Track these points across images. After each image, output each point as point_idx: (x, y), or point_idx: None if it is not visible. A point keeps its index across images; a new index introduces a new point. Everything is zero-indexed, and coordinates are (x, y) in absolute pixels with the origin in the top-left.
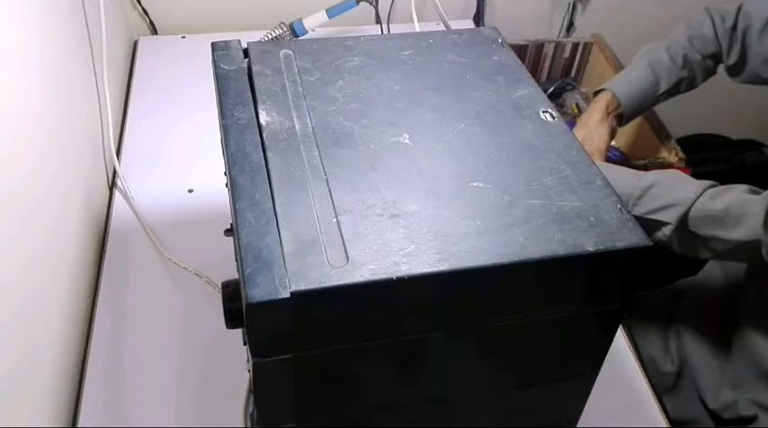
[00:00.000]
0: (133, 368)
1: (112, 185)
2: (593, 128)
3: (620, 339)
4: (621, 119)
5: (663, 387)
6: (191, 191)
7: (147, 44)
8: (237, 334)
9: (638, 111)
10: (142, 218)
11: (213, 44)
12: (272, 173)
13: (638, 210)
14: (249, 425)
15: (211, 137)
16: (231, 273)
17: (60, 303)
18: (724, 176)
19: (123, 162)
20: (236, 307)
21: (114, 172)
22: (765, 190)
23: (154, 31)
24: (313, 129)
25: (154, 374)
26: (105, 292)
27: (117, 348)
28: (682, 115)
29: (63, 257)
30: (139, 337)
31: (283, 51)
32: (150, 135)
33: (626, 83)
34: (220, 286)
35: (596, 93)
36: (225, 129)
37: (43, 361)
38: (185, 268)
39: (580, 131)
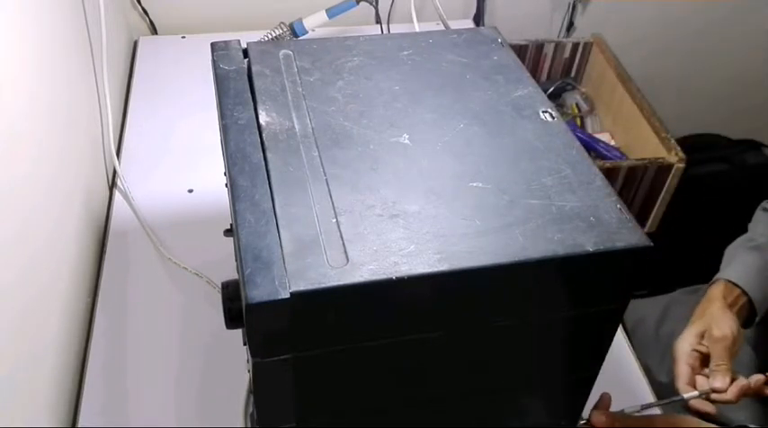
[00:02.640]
0: (133, 368)
1: (112, 185)
2: (715, 316)
3: (621, 339)
4: (753, 312)
5: (657, 397)
6: (191, 191)
7: (147, 44)
8: (237, 333)
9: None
10: (142, 218)
11: (213, 44)
12: (272, 173)
13: None
14: (249, 425)
15: (211, 137)
16: (231, 273)
17: (60, 303)
18: (724, 176)
19: (123, 162)
20: (235, 307)
21: (114, 172)
22: None
23: (154, 31)
24: (313, 129)
25: (154, 374)
26: (105, 292)
27: (117, 348)
28: (682, 115)
29: (63, 257)
30: (139, 337)
31: (283, 51)
32: (150, 135)
33: (734, 270)
34: (220, 286)
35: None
36: (224, 130)
37: (43, 361)
38: (185, 268)
39: (695, 326)
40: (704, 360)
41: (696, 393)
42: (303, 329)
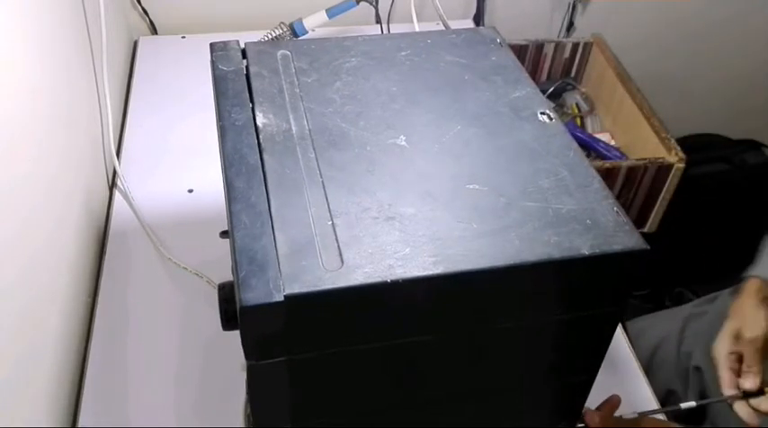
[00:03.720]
0: (133, 368)
1: (112, 185)
2: (747, 315)
3: (621, 340)
4: None
5: (684, 421)
6: (191, 191)
7: (147, 44)
8: (237, 333)
9: None
10: (142, 218)
11: (212, 45)
12: (268, 175)
13: None
14: (248, 425)
15: (211, 137)
16: (231, 274)
17: (60, 303)
18: (724, 176)
19: (123, 162)
20: (232, 308)
21: (114, 172)
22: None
23: (154, 31)
24: (310, 130)
25: (154, 374)
26: (105, 292)
27: (117, 348)
28: (682, 115)
29: (63, 257)
30: (139, 337)
31: (281, 52)
32: (150, 135)
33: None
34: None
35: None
36: (222, 131)
37: (43, 360)
38: (185, 268)
39: (731, 323)
40: (742, 360)
41: (693, 403)
42: (298, 332)
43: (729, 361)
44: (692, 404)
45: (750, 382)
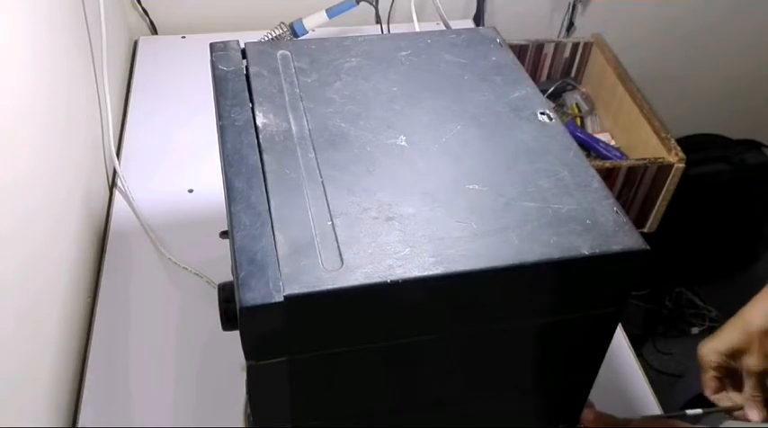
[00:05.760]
0: (133, 368)
1: (112, 185)
2: (761, 338)
3: (621, 340)
4: None
5: None
6: (191, 191)
7: (147, 44)
8: (237, 333)
9: None
10: (142, 218)
11: (212, 45)
12: (268, 175)
13: None
14: (248, 426)
15: (211, 137)
16: (231, 274)
17: (60, 303)
18: (724, 176)
19: (123, 162)
20: (232, 309)
21: (114, 172)
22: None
23: (154, 31)
24: (310, 130)
25: (154, 374)
26: (105, 292)
27: (117, 348)
28: (682, 115)
29: (63, 257)
30: (139, 337)
31: (281, 52)
32: (150, 135)
33: None
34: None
35: None
36: (221, 131)
37: (43, 360)
38: (185, 268)
39: (731, 338)
40: (731, 371)
41: (700, 410)
42: (298, 332)
43: (717, 370)
44: (699, 411)
45: (755, 414)
